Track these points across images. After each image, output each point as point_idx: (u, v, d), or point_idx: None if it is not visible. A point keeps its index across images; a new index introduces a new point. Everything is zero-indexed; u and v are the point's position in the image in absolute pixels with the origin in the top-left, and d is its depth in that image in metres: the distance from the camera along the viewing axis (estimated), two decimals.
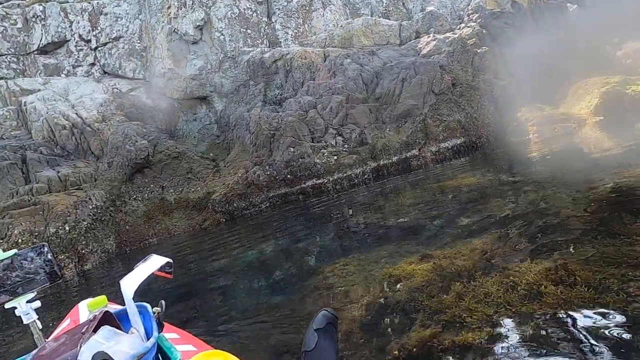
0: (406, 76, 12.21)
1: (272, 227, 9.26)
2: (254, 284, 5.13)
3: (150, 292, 6.15)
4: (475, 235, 4.16)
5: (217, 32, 15.22)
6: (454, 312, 2.79)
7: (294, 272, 5.05)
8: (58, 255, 9.23)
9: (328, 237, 6.50)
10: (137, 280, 1.18)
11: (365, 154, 11.49)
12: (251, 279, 5.41)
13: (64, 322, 1.72)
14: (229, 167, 13.02)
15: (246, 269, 5.93)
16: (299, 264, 5.36)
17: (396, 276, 3.53)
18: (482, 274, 3.26)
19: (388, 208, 6.69)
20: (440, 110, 11.68)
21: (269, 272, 5.47)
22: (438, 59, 12.45)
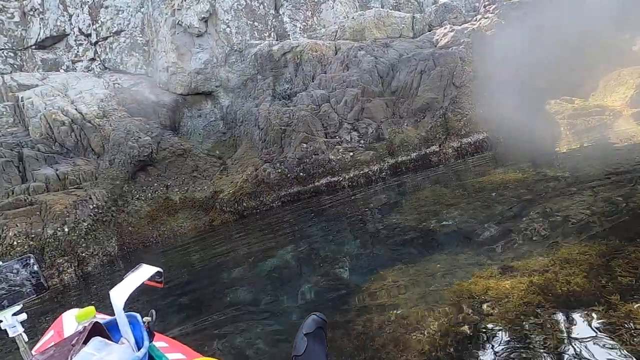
0: (425, 68, 11.57)
1: (286, 228, 8.60)
2: (281, 300, 4.45)
3: (162, 308, 5.48)
4: (564, 242, 3.34)
5: (222, 24, 14.58)
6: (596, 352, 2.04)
7: (327, 287, 4.37)
8: (56, 258, 8.57)
9: (356, 242, 5.84)
10: (127, 291, 1.18)
11: (382, 150, 10.84)
12: (276, 293, 4.73)
13: (48, 334, 1.63)
14: (236, 165, 12.37)
15: (267, 281, 5.26)
16: (330, 276, 4.69)
17: (477, 295, 2.77)
18: (622, 298, 2.37)
19: (421, 208, 6.02)
20: (461, 104, 11.04)
21: (295, 285, 4.79)
22: (457, 50, 11.80)
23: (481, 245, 3.94)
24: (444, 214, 5.38)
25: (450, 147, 10.78)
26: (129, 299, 1.14)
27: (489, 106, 11.39)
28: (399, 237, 5.25)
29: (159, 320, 5.38)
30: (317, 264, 5.45)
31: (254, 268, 6.04)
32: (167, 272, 7.73)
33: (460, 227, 4.72)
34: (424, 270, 3.80)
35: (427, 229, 5.08)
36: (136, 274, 1.27)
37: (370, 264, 4.69)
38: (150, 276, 1.28)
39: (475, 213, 5.00)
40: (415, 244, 4.81)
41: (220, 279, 6.09)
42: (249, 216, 10.61)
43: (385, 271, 4.11)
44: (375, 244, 5.43)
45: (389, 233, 5.52)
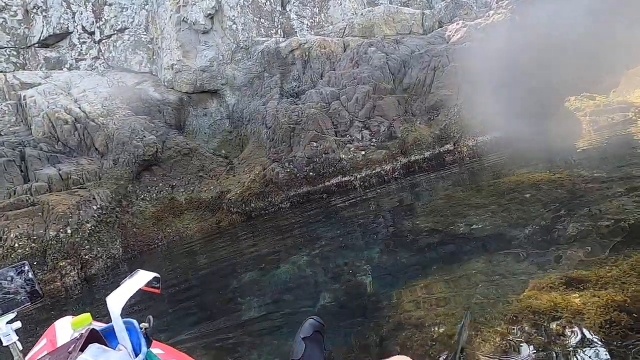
0: (438, 64, 11.20)
1: (297, 231, 8.25)
2: (297, 312, 4.06)
3: (168, 316, 5.14)
4: (628, 249, 2.92)
5: (229, 20, 14.27)
6: None
7: (348, 298, 4.00)
8: (59, 261, 8.25)
9: (375, 247, 5.47)
10: (124, 297, 1.16)
11: (394, 149, 10.48)
12: (291, 304, 4.35)
13: (40, 342, 1.57)
14: (243, 165, 12.03)
15: (281, 290, 4.89)
16: (351, 285, 4.32)
17: (541, 312, 2.36)
18: None
19: (445, 210, 5.64)
20: (477, 101, 10.65)
21: (312, 295, 4.42)
22: (471, 46, 11.43)
23: (525, 251, 3.56)
24: (473, 216, 5.00)
25: (465, 145, 10.41)
26: (127, 305, 1.09)
27: (504, 104, 11.01)
28: (424, 241, 4.88)
29: (165, 330, 5.05)
30: (334, 270, 5.08)
31: (266, 274, 5.69)
32: (173, 276, 7.39)
33: (495, 230, 4.34)
34: (462, 280, 3.43)
35: (456, 233, 4.71)
36: (133, 280, 1.28)
37: (395, 271, 4.32)
38: (147, 282, 1.28)
39: (509, 215, 4.63)
40: (444, 249, 4.44)
41: (230, 285, 5.74)
42: (257, 217, 10.27)
43: (416, 280, 3.74)
44: (397, 249, 5.06)
45: (413, 237, 5.15)
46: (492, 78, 11.38)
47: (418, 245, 4.85)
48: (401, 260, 4.66)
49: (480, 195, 5.87)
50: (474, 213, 5.09)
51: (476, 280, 3.30)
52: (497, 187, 6.02)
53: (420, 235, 5.07)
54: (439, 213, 5.58)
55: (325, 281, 4.85)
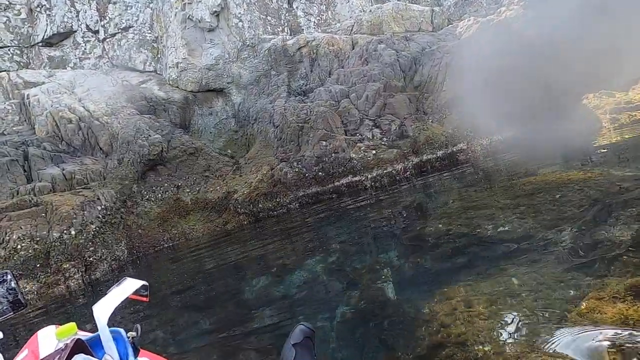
0: (450, 61, 10.91)
1: (309, 234, 7.98)
2: (316, 324, 3.79)
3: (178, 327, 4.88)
4: None
5: (235, 18, 14.03)
6: None
7: (372, 308, 3.71)
8: (62, 263, 8.02)
9: (394, 251, 5.19)
10: (111, 306, 1.15)
11: (406, 148, 10.19)
12: (309, 315, 4.06)
13: (21, 354, 1.44)
14: (250, 165, 11.77)
15: (297, 298, 4.60)
16: (373, 294, 4.03)
17: (613, 327, 2.10)
18: None
19: (467, 212, 5.35)
20: (491, 99, 10.34)
21: (331, 305, 4.12)
22: (484, 42, 11.12)
23: (570, 256, 3.27)
24: (500, 218, 4.71)
25: (479, 144, 10.11)
26: (136, 312, 1.11)
27: (518, 101, 10.70)
28: (448, 245, 4.59)
29: (172, 340, 4.77)
30: (351, 276, 4.79)
31: (280, 280, 5.41)
32: (180, 281, 7.13)
33: (527, 233, 4.05)
34: (502, 289, 3.13)
35: (484, 236, 4.42)
36: (120, 288, 1.25)
37: (420, 278, 4.04)
38: (135, 290, 1.26)
39: (541, 217, 4.33)
40: (473, 253, 4.14)
41: (242, 292, 5.46)
42: (265, 219, 10.00)
43: (447, 289, 3.44)
44: (418, 253, 4.77)
45: (435, 240, 4.87)
46: (505, 75, 11.08)
47: (442, 249, 4.56)
48: (424, 266, 4.38)
49: (504, 195, 5.58)
50: (501, 215, 4.80)
51: (518, 290, 3.02)
52: (521, 187, 5.73)
53: (444, 238, 4.79)
54: (462, 214, 5.29)
55: (343, 288, 4.57)
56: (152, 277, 7.91)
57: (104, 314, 1.13)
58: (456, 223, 4.99)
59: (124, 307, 6.32)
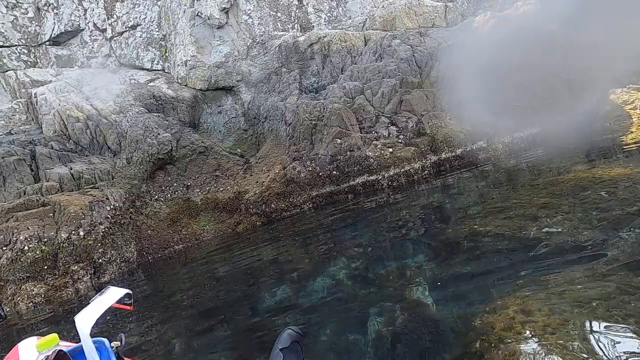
0: (467, 57, 10.52)
1: (326, 236, 7.63)
2: (347, 340, 3.40)
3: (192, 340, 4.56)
4: None
5: (244, 15, 13.76)
6: None
7: (408, 320, 3.34)
8: (70, 265, 7.74)
9: (422, 255, 4.84)
10: (94, 315, 1.15)
11: (424, 146, 9.83)
12: (337, 328, 3.64)
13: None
14: (261, 164, 11.47)
15: (323, 309, 4.24)
16: (408, 304, 3.66)
17: None
18: None
19: (505, 212, 4.98)
20: (510, 95, 9.97)
21: (362, 317, 3.74)
22: (502, 37, 10.74)
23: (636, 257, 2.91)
24: (543, 218, 4.35)
25: (500, 142, 9.73)
26: (98, 323, 1.07)
27: (540, 97, 10.31)
28: (489, 247, 4.23)
29: (183, 355, 4.45)
30: (379, 284, 4.43)
31: (302, 289, 5.06)
32: (190, 286, 6.81)
33: (579, 234, 3.69)
34: (563, 296, 2.77)
35: (529, 237, 4.05)
36: (104, 297, 1.29)
37: (463, 286, 3.67)
38: (119, 298, 1.32)
39: (590, 217, 3.97)
40: (519, 257, 3.78)
41: (260, 300, 5.11)
42: (278, 220, 9.68)
43: (498, 297, 3.08)
44: (453, 257, 4.41)
45: (471, 243, 4.50)
46: (525, 71, 10.69)
47: (481, 252, 4.20)
48: (463, 271, 4.01)
49: (541, 194, 5.21)
50: (543, 214, 4.43)
51: (585, 298, 2.65)
52: (559, 185, 5.35)
53: (482, 240, 4.42)
54: (498, 214, 4.92)
55: (372, 297, 4.20)
56: (163, 282, 7.61)
57: (87, 324, 1.10)
58: (494, 224, 4.62)
59: (130, 315, 6.03)
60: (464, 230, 4.85)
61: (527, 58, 10.78)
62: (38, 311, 7.15)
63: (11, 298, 7.29)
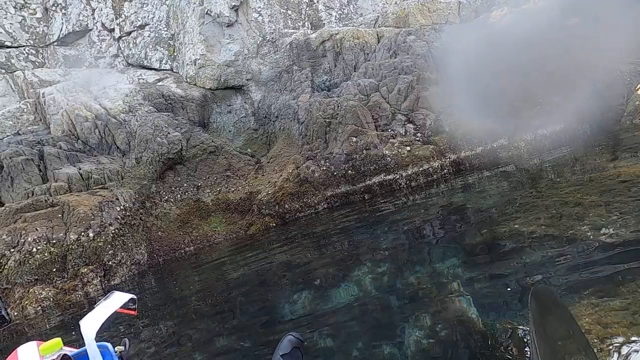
0: (485, 52, 10.18)
1: (344, 238, 7.30)
2: (380, 356, 3.10)
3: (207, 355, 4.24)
4: None
5: (254, 12, 13.53)
6: None
7: (454, 335, 3.00)
8: (80, 268, 7.48)
9: (457, 259, 4.48)
10: (99, 320, 1.19)
11: (442, 145, 9.49)
12: (367, 342, 3.29)
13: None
14: (272, 164, 11.18)
15: (350, 320, 3.89)
16: (451, 315, 3.31)
17: None
18: None
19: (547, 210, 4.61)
20: (532, 91, 9.61)
21: (396, 330, 3.37)
22: (521, 31, 10.39)
23: None
24: (593, 217, 3.99)
25: (522, 140, 9.36)
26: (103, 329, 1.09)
27: (563, 94, 9.93)
28: (535, 251, 3.88)
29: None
30: (413, 292, 4.07)
31: (324, 296, 4.72)
32: (202, 289, 6.51)
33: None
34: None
35: (582, 239, 3.70)
36: (108, 302, 1.33)
37: (513, 294, 3.31)
38: (123, 304, 1.36)
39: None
40: (575, 260, 3.42)
41: (279, 308, 4.77)
42: (292, 221, 9.38)
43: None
44: (493, 261, 4.06)
45: (513, 244, 4.15)
46: (545, 65, 10.32)
47: (527, 255, 3.85)
48: (508, 277, 3.65)
49: (585, 191, 4.85)
50: (593, 213, 4.08)
51: None
52: (603, 182, 4.99)
53: (526, 242, 4.07)
54: (542, 214, 4.56)
55: (406, 308, 3.84)
56: (174, 285, 7.31)
57: (92, 328, 1.12)
58: (537, 223, 4.27)
59: (139, 320, 5.74)
60: (503, 230, 4.49)
61: (547, 53, 10.42)
62: (46, 315, 6.89)
63: (19, 302, 7.04)
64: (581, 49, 10.76)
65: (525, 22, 11.70)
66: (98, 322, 1.16)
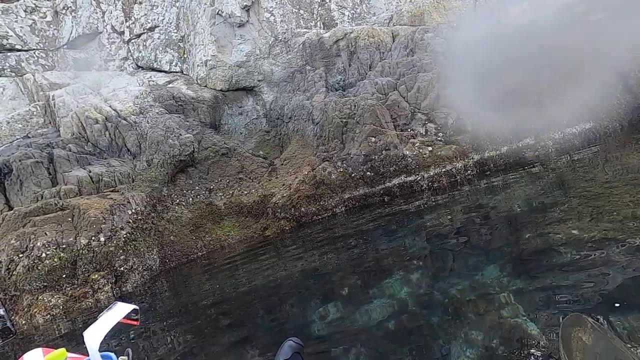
0: (507, 48, 9.78)
1: (365, 242, 6.91)
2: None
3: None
4: None
5: (266, 12, 13.29)
6: None
7: (516, 356, 2.63)
8: (91, 274, 7.16)
9: (498, 268, 4.08)
10: (103, 331, 1.21)
11: (465, 144, 9.09)
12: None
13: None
14: (286, 165, 10.84)
15: (391, 337, 3.50)
16: (508, 334, 2.94)
17: None
18: None
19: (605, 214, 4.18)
20: (560, 88, 9.18)
21: (448, 348, 3.03)
22: (545, 26, 9.99)
23: None
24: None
25: (550, 138, 8.92)
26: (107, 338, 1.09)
27: (592, 91, 9.49)
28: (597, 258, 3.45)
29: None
30: (457, 306, 3.66)
31: (355, 309, 4.31)
32: (218, 300, 6.15)
33: None
34: None
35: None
36: (111, 313, 1.34)
37: (576, 308, 2.90)
38: (126, 314, 1.35)
39: None
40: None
41: (308, 323, 4.36)
42: (308, 224, 9.01)
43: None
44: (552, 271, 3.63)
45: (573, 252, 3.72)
46: (571, 60, 9.88)
47: (590, 263, 3.43)
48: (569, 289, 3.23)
49: (623, 192, 4.42)
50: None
51: None
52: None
53: (585, 248, 3.65)
54: (601, 217, 4.13)
55: (451, 325, 3.42)
56: (187, 293, 6.96)
57: (95, 339, 1.17)
58: (598, 228, 3.84)
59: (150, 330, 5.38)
60: (555, 235, 4.08)
61: (573, 49, 9.99)
62: (56, 324, 6.57)
63: (27, 309, 6.73)
64: (609, 44, 10.32)
65: (547, 18, 11.30)
66: (102, 333, 1.16)
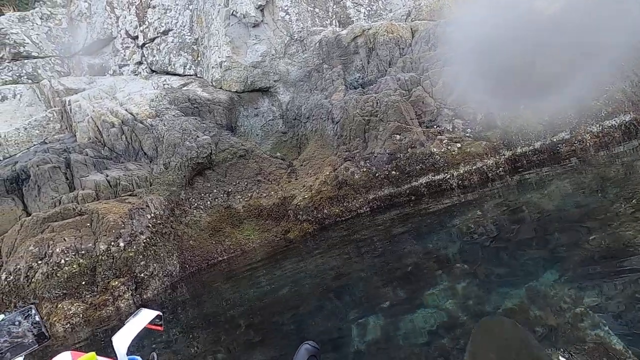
0: (538, 39, 9.29)
1: (395, 244, 6.50)
2: None
3: None
4: None
5: (281, 11, 13.05)
6: None
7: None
8: (110, 280, 6.91)
9: (557, 273, 3.68)
10: (130, 336, 1.24)
11: (496, 140, 8.62)
12: None
13: None
14: (306, 167, 10.51)
15: (443, 354, 3.13)
16: (589, 352, 2.53)
17: None
18: None
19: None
20: (597, 78, 8.65)
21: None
22: (581, 15, 9.46)
23: None
24: None
25: (587, 132, 8.40)
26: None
27: (632, 80, 8.94)
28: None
29: None
30: (519, 320, 3.24)
31: (397, 321, 3.92)
32: (242, 309, 5.81)
33: None
34: None
35: None
36: (137, 319, 1.36)
37: None
38: (151, 320, 1.36)
39: None
40: None
41: (348, 337, 4.00)
42: (331, 226, 8.64)
43: None
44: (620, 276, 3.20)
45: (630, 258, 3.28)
46: (606, 50, 9.35)
47: None
48: None
49: None
50: None
51: None
52: None
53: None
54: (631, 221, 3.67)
55: None
56: (208, 299, 6.64)
57: (123, 343, 1.20)
58: None
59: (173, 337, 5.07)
60: (626, 234, 3.62)
61: (608, 36, 9.45)
62: (76, 333, 6.32)
63: (47, 318, 6.50)
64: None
65: (578, 10, 10.78)
66: (129, 338, 1.21)
